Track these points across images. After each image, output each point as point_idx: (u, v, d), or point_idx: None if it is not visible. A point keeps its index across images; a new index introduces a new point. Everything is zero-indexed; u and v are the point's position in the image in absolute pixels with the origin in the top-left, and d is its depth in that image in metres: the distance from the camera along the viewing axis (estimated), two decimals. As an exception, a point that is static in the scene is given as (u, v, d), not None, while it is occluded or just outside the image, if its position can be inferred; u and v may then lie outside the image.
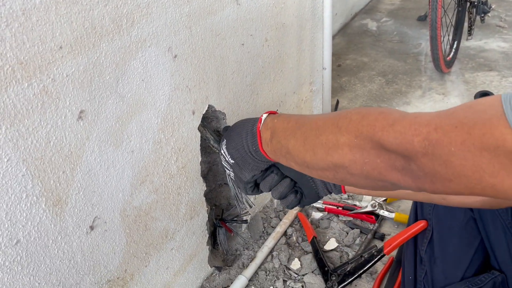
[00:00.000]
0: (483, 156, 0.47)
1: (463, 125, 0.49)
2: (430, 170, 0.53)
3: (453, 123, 0.50)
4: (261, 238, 1.47)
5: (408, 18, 3.24)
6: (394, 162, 0.58)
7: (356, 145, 0.62)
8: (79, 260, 0.84)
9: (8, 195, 0.67)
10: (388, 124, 0.58)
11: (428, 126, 0.53)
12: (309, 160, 0.73)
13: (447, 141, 0.50)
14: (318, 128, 0.72)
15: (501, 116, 0.46)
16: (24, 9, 0.61)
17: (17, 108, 0.64)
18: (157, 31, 0.86)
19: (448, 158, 0.50)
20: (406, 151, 0.55)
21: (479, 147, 0.47)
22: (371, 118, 0.61)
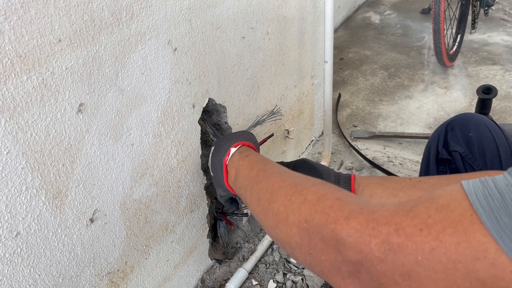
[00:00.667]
0: (457, 269, 0.39)
1: (430, 228, 0.41)
2: (387, 281, 0.44)
3: (416, 224, 0.42)
4: (261, 231, 1.47)
5: (412, 11, 3.22)
6: (341, 264, 0.49)
7: (305, 230, 0.55)
8: (79, 252, 0.85)
9: (8, 187, 0.67)
10: (343, 216, 0.50)
11: (387, 226, 0.45)
12: (261, 222, 0.69)
13: (412, 248, 0.42)
14: (272, 193, 0.66)
15: (472, 216, 0.39)
16: (23, 2, 0.61)
17: (16, 101, 0.64)
18: (157, 24, 0.85)
19: (412, 268, 0.42)
20: (359, 254, 0.46)
21: (452, 258, 0.39)
22: (326, 203, 0.55)
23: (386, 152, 1.84)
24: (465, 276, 0.39)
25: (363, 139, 1.93)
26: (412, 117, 2.06)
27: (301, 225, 0.56)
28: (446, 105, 2.12)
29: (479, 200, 0.40)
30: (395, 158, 1.79)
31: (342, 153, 1.85)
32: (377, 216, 0.47)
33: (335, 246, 0.50)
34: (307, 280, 1.31)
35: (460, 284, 0.39)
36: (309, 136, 1.83)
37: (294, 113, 1.60)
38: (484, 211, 0.39)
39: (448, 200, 0.42)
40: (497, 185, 0.40)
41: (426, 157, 1.11)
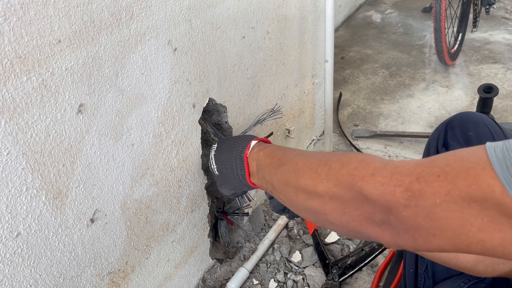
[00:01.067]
0: (471, 207, 0.44)
1: (446, 174, 0.47)
2: (413, 224, 0.50)
3: (435, 172, 0.48)
4: (262, 231, 1.47)
5: (413, 10, 3.21)
6: (373, 215, 0.55)
7: (336, 194, 0.60)
8: (80, 253, 0.85)
9: (8, 188, 0.68)
10: (368, 174, 0.55)
11: (410, 176, 0.50)
12: (293, 200, 0.73)
13: (431, 192, 0.47)
14: (298, 171, 0.70)
15: (486, 164, 0.44)
16: (22, 3, 0.61)
17: (16, 102, 0.64)
18: (157, 24, 0.86)
19: (432, 209, 0.47)
20: (387, 203, 0.52)
21: (465, 198, 0.45)
22: (350, 166, 0.59)
23: (387, 151, 1.83)
24: (477, 213, 0.44)
25: (364, 138, 1.93)
26: (413, 116, 2.06)
27: (331, 191, 0.61)
28: (447, 104, 2.12)
29: (496, 152, 0.44)
30: (396, 157, 1.79)
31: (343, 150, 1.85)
32: (400, 169, 0.52)
33: (365, 200, 0.55)
34: (308, 280, 1.31)
35: (473, 220, 0.45)
36: (310, 136, 1.83)
37: (295, 112, 1.60)
38: (497, 159, 0.43)
39: (468, 152, 0.47)
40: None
41: (426, 156, 1.11)
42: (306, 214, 0.70)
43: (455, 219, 0.46)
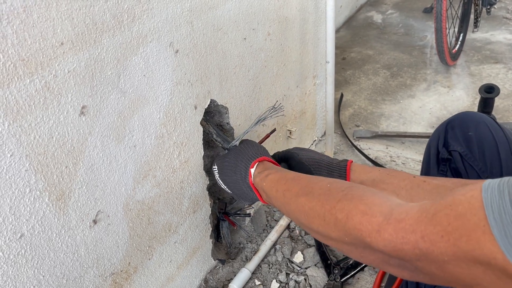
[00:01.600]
0: (477, 268, 0.47)
1: (449, 235, 0.49)
2: (428, 272, 0.53)
3: (438, 232, 0.50)
4: (264, 232, 1.48)
5: (414, 10, 3.21)
6: (389, 260, 0.58)
7: (349, 242, 0.64)
8: (83, 254, 0.86)
9: (12, 189, 0.68)
10: (374, 230, 0.58)
11: (414, 234, 0.52)
12: (310, 233, 0.78)
13: (438, 252, 0.50)
14: (307, 216, 0.74)
15: (485, 227, 0.45)
16: (25, 6, 0.62)
17: (20, 104, 0.65)
18: (158, 27, 0.86)
19: (443, 264, 0.50)
20: (399, 256, 0.55)
21: (471, 260, 0.47)
22: (355, 220, 0.62)
23: (388, 152, 1.84)
24: (484, 272, 0.47)
25: (365, 139, 1.94)
26: (415, 116, 2.06)
27: (344, 240, 0.65)
28: (448, 104, 2.12)
29: (494, 213, 0.45)
30: (397, 158, 1.79)
31: (345, 152, 1.85)
32: (404, 225, 0.54)
33: (378, 251, 0.58)
34: (310, 280, 1.31)
35: (482, 277, 0.47)
36: (312, 136, 1.83)
37: (296, 113, 1.60)
38: (496, 224, 0.45)
39: (466, 209, 0.48)
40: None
41: (427, 157, 1.11)
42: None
43: (466, 274, 0.48)
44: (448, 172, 1.04)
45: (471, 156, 1.00)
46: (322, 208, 0.70)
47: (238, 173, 0.96)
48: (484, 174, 0.98)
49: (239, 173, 0.96)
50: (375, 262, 0.62)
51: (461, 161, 1.02)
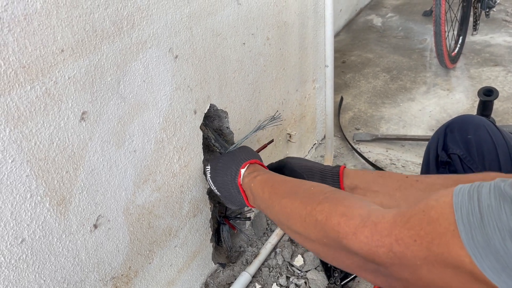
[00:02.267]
0: (448, 271, 0.48)
1: (422, 239, 0.50)
2: (401, 277, 0.54)
3: (412, 236, 0.51)
4: (264, 235, 1.48)
5: (414, 13, 3.22)
6: (364, 264, 0.59)
7: (326, 244, 0.66)
8: (84, 258, 0.86)
9: (13, 195, 0.69)
10: (350, 232, 0.59)
11: (389, 237, 0.54)
12: (289, 235, 0.79)
13: (411, 255, 0.51)
14: (288, 217, 0.76)
15: (454, 231, 0.46)
16: (26, 14, 0.63)
17: (21, 111, 0.66)
18: (158, 33, 0.87)
19: (415, 269, 0.51)
20: (374, 259, 0.56)
21: (441, 263, 0.48)
22: (334, 221, 0.63)
23: (388, 155, 1.84)
24: (454, 276, 0.48)
25: (365, 142, 1.94)
26: (415, 119, 2.07)
27: (321, 241, 0.67)
28: (448, 107, 2.12)
29: (462, 217, 0.46)
30: (397, 161, 1.80)
31: (345, 156, 1.86)
32: (380, 228, 0.56)
33: (354, 254, 0.59)
34: (310, 283, 1.31)
35: (453, 281, 0.48)
36: (312, 140, 1.84)
37: (296, 117, 1.61)
38: (464, 228, 0.46)
39: (438, 213, 0.49)
40: (481, 204, 0.46)
41: (426, 160, 1.12)
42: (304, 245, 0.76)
43: (437, 279, 0.49)
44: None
45: (470, 159, 1.01)
46: (303, 210, 0.71)
47: (229, 174, 0.97)
48: (483, 176, 0.99)
49: (230, 174, 0.97)
50: (351, 267, 0.63)
51: (461, 164, 1.02)
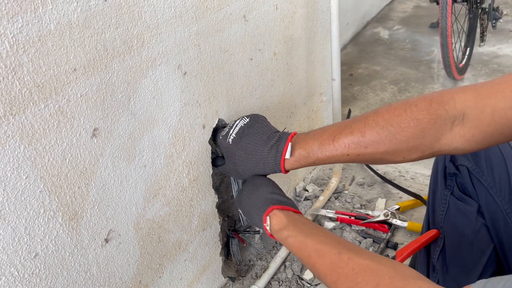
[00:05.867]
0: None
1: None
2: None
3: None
4: (274, 249, 1.48)
5: (420, 25, 3.24)
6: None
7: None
8: (95, 272, 0.87)
9: (27, 210, 0.71)
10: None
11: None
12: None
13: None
14: (319, 274, 0.77)
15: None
16: (40, 36, 0.65)
17: (35, 128, 0.68)
18: (167, 50, 0.89)
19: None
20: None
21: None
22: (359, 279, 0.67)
23: (397, 167, 1.84)
24: None
25: (374, 154, 1.94)
26: (423, 131, 2.06)
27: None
28: (457, 118, 2.12)
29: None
30: (406, 173, 1.80)
31: (354, 168, 1.86)
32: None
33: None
34: (320, 297, 1.31)
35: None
36: (320, 153, 1.84)
37: (303, 130, 1.62)
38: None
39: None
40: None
41: (435, 171, 1.12)
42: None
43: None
44: (454, 187, 1.05)
45: (479, 171, 1.01)
46: (330, 270, 0.73)
47: (255, 219, 0.93)
48: (493, 189, 0.99)
49: (255, 219, 0.93)
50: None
51: (469, 176, 1.02)
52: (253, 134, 0.95)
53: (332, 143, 0.86)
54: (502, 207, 0.96)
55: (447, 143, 0.76)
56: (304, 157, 0.90)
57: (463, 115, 0.73)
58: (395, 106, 0.80)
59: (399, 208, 1.56)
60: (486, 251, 1.03)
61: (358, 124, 0.84)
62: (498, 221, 0.99)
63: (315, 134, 0.91)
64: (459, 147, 0.76)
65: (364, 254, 0.73)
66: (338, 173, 1.75)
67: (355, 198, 1.67)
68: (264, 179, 0.98)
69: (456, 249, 1.07)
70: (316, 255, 0.77)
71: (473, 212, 1.02)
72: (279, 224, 0.87)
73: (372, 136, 0.81)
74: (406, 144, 0.78)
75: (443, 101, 0.75)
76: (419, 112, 0.76)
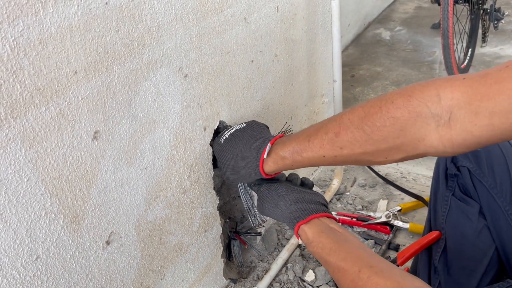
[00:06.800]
0: None
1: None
2: None
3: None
4: (275, 250, 1.48)
5: (422, 26, 3.23)
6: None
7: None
8: (96, 274, 0.88)
9: (28, 213, 0.71)
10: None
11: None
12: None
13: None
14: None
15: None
16: (41, 39, 0.65)
17: (36, 131, 0.68)
18: (168, 53, 0.89)
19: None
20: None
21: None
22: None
23: (399, 168, 1.84)
24: None
25: (375, 156, 1.94)
26: (425, 132, 2.06)
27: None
28: (458, 119, 2.11)
29: None
30: (408, 174, 1.79)
31: (355, 169, 1.86)
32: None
33: None
34: (322, 299, 1.31)
35: None
36: (321, 154, 1.84)
37: (305, 132, 1.62)
38: None
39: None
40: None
41: (436, 172, 1.12)
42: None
43: None
44: (456, 188, 1.05)
45: (480, 172, 1.00)
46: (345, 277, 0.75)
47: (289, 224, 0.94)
48: (493, 190, 0.99)
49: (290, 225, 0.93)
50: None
51: (469, 176, 1.02)
52: (243, 137, 0.97)
53: (308, 144, 0.83)
54: (503, 208, 0.96)
55: (432, 145, 0.68)
56: (281, 158, 0.88)
57: (449, 114, 0.64)
58: (371, 104, 0.74)
59: (401, 209, 1.56)
60: (488, 252, 1.03)
61: (333, 123, 0.80)
62: (499, 222, 0.99)
63: (295, 136, 0.88)
64: (448, 151, 0.67)
65: (385, 272, 0.72)
66: (340, 174, 1.74)
67: (357, 200, 1.66)
68: (278, 187, 0.97)
69: (457, 250, 1.06)
70: (339, 273, 0.78)
71: (474, 213, 1.02)
72: (305, 240, 0.88)
73: (346, 136, 0.76)
74: (384, 144, 0.72)
75: (425, 96, 0.66)
76: (396, 110, 0.68)
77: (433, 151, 0.69)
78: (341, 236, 0.85)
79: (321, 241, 0.85)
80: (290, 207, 0.92)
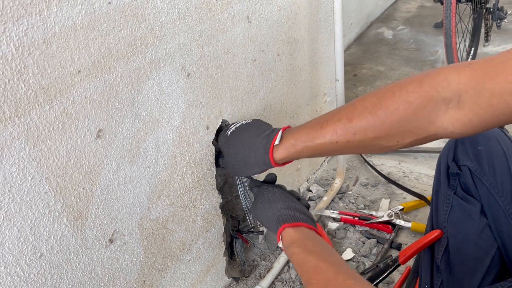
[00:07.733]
0: None
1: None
2: None
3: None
4: (277, 249, 1.49)
5: (425, 25, 3.23)
6: None
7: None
8: (100, 272, 0.88)
9: (32, 211, 0.71)
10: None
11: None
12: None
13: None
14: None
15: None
16: (45, 38, 0.66)
17: (40, 130, 0.69)
18: (170, 52, 0.90)
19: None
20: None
21: None
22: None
23: (401, 167, 1.84)
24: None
25: (377, 155, 1.94)
26: (427, 131, 2.06)
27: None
28: (461, 119, 2.11)
29: None
30: (410, 173, 1.79)
31: (357, 169, 1.86)
32: None
33: None
34: (324, 297, 1.31)
35: None
36: (324, 153, 1.84)
37: (307, 131, 1.62)
38: None
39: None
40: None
41: (438, 171, 1.12)
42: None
43: None
44: (457, 187, 1.05)
45: (481, 171, 1.01)
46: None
47: (274, 236, 0.96)
48: (494, 189, 0.99)
49: (274, 237, 0.95)
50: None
51: (470, 175, 1.02)
52: (250, 128, 0.99)
53: (320, 130, 0.84)
54: (504, 208, 0.96)
55: (442, 126, 0.72)
56: (292, 145, 0.89)
57: (458, 97, 0.69)
58: (383, 91, 0.77)
59: (403, 208, 1.56)
60: (490, 251, 1.03)
61: (346, 110, 0.82)
62: (500, 221, 0.99)
63: (305, 124, 0.90)
64: (456, 131, 0.72)
65: (361, 281, 0.74)
66: (342, 173, 1.75)
67: (359, 199, 1.67)
68: (276, 191, 0.99)
69: (459, 249, 1.06)
70: (314, 271, 0.79)
71: (476, 212, 1.02)
72: (287, 241, 0.89)
73: (360, 122, 0.79)
74: (398, 127, 0.76)
75: (435, 82, 0.71)
76: (409, 95, 0.73)
77: (443, 132, 0.73)
78: (326, 245, 0.87)
79: (305, 243, 0.86)
80: (282, 211, 0.93)
